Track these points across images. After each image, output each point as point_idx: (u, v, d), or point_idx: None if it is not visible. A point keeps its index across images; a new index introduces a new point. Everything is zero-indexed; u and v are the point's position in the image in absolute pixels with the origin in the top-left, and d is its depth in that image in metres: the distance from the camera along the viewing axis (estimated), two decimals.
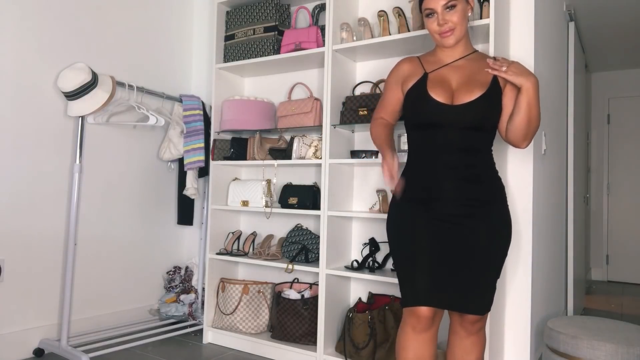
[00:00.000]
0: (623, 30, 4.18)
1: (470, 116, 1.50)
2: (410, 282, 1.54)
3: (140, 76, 3.04)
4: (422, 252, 1.52)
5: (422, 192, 1.55)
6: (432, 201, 1.53)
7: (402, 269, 1.57)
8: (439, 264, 1.51)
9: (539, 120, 1.53)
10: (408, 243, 1.55)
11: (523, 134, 1.53)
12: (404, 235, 1.57)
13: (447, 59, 1.62)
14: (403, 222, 1.59)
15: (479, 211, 1.52)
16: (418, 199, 1.56)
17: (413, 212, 1.56)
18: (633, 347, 1.84)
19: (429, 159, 1.56)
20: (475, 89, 1.52)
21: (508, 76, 1.49)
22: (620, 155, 5.39)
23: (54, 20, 2.58)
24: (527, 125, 1.51)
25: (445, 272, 1.51)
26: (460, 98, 1.52)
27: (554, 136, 2.81)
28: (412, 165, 1.61)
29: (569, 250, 3.25)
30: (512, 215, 2.22)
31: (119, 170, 2.90)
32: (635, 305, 4.18)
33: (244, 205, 2.73)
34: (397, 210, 1.63)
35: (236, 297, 2.68)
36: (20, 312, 2.43)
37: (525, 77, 1.48)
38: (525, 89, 1.48)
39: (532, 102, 1.49)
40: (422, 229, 1.54)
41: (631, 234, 5.27)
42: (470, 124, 1.51)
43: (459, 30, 1.55)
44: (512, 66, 1.50)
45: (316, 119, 2.53)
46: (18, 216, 2.42)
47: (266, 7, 2.71)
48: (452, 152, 1.52)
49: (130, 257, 2.98)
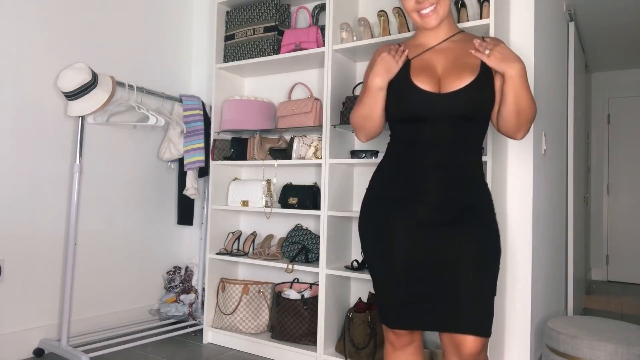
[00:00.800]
0: (623, 30, 4.18)
1: (461, 105, 1.31)
2: (385, 298, 1.37)
3: (140, 76, 3.04)
4: (399, 263, 1.33)
5: (403, 191, 1.36)
6: (413, 203, 1.34)
7: (376, 280, 1.40)
8: (419, 278, 1.32)
9: (531, 108, 1.32)
10: (383, 251, 1.36)
11: (515, 126, 1.34)
12: (379, 241, 1.38)
13: (430, 41, 1.42)
14: (378, 225, 1.39)
15: (468, 217, 1.32)
16: (397, 199, 1.37)
17: (390, 215, 1.36)
18: (633, 347, 1.84)
19: (414, 156, 1.36)
20: (464, 73, 1.33)
21: (490, 62, 1.29)
22: (620, 155, 5.39)
23: (54, 20, 2.58)
24: (517, 116, 1.31)
25: (426, 287, 1.32)
26: (448, 85, 1.33)
27: (554, 136, 2.81)
28: (394, 162, 1.42)
29: (569, 250, 3.25)
30: (512, 215, 2.22)
31: (119, 170, 2.91)
32: (635, 305, 4.18)
33: (244, 205, 2.73)
34: (372, 210, 1.42)
35: (236, 297, 2.68)
36: (20, 312, 2.43)
37: (508, 64, 1.27)
38: (509, 76, 1.28)
39: (520, 91, 1.28)
40: (401, 235, 1.34)
41: (631, 234, 5.27)
42: (462, 114, 1.32)
43: (442, 8, 1.36)
44: (495, 50, 1.29)
45: (316, 119, 2.53)
46: (18, 216, 2.42)
47: (266, 7, 2.71)
48: (441, 148, 1.33)
49: (130, 257, 2.98)
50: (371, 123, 1.43)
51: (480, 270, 1.30)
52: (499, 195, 2.10)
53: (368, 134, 1.47)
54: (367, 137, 1.49)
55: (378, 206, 1.41)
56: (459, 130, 1.33)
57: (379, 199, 1.41)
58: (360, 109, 1.42)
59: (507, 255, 2.22)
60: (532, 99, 1.31)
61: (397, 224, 1.35)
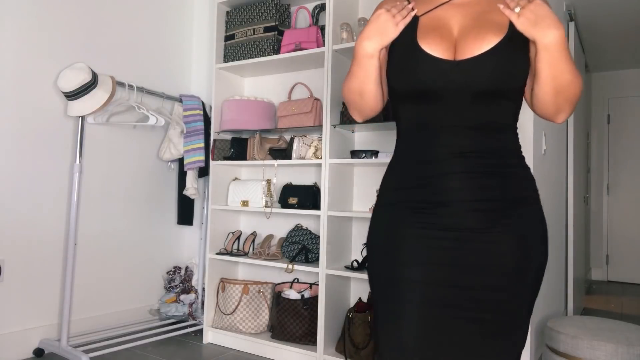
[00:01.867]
0: (623, 30, 4.18)
1: (482, 76, 0.98)
2: (390, 331, 1.01)
3: (140, 76, 3.04)
4: (411, 286, 0.99)
5: (417, 193, 1.03)
6: (431, 207, 1.01)
7: (381, 307, 1.04)
8: (438, 305, 0.98)
9: (574, 84, 0.97)
10: (390, 272, 1.02)
11: (553, 107, 1.00)
12: (388, 257, 1.04)
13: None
14: (388, 237, 1.05)
15: (503, 219, 0.99)
16: (411, 203, 1.04)
17: (403, 224, 1.03)
18: (633, 347, 1.84)
19: (426, 146, 1.03)
20: (488, 33, 0.99)
21: (518, 24, 0.95)
22: (620, 155, 5.39)
23: (54, 20, 2.58)
24: (555, 96, 0.98)
25: (446, 317, 0.98)
26: (466, 49, 0.99)
27: (554, 136, 2.81)
28: (403, 156, 1.08)
29: (569, 250, 3.25)
30: None
31: (119, 170, 2.91)
32: (635, 305, 4.18)
33: (244, 205, 2.73)
34: (379, 220, 1.09)
35: (236, 297, 2.68)
36: (20, 312, 2.43)
37: (542, 29, 0.93)
38: (542, 47, 0.94)
39: (558, 65, 0.95)
40: (415, 248, 1.01)
41: (631, 234, 5.27)
42: (484, 88, 0.98)
43: None
44: (528, 9, 0.94)
45: (316, 119, 2.53)
46: (18, 216, 2.42)
47: (266, 7, 2.71)
48: (460, 132, 1.00)
49: (131, 257, 2.98)
50: (364, 99, 1.11)
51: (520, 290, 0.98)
52: None
53: (362, 112, 1.15)
54: (361, 116, 1.16)
55: (385, 214, 1.08)
56: (482, 108, 1.00)
57: (386, 204, 1.08)
58: (349, 81, 1.11)
59: None
60: (574, 72, 0.97)
61: (409, 236, 1.02)
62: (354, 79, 1.09)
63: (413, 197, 1.04)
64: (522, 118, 2.21)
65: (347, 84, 1.12)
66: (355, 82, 1.09)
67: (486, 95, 0.99)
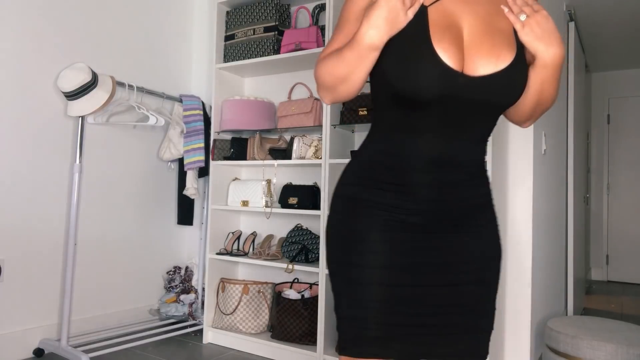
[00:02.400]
0: (623, 30, 4.18)
1: (494, 94, 0.91)
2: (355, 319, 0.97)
3: (140, 76, 3.04)
4: (376, 290, 0.96)
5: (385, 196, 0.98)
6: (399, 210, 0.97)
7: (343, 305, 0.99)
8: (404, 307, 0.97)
9: (552, 101, 1.00)
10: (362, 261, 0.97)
11: (527, 115, 1.03)
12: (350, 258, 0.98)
13: None
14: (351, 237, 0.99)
15: (471, 221, 1.01)
16: (377, 204, 0.98)
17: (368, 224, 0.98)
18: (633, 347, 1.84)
19: (411, 151, 0.96)
20: (503, 49, 0.92)
21: (523, 35, 0.91)
22: (620, 155, 5.39)
23: (54, 20, 2.58)
24: (535, 106, 0.99)
25: (417, 310, 0.98)
26: (480, 63, 0.90)
27: (554, 136, 2.81)
28: (380, 155, 1.00)
29: (569, 250, 3.25)
30: (512, 215, 2.22)
31: (119, 170, 2.91)
32: (635, 305, 4.18)
33: (244, 205, 2.73)
34: (344, 216, 1.02)
35: (236, 297, 2.68)
36: (20, 312, 2.43)
37: (546, 45, 0.91)
38: (543, 63, 0.92)
39: (550, 81, 0.94)
40: (381, 253, 0.96)
41: (631, 234, 5.27)
42: (493, 105, 0.93)
43: None
44: (534, 20, 0.90)
45: (316, 119, 2.53)
46: (18, 216, 2.42)
47: (266, 7, 2.71)
48: (447, 141, 0.95)
49: (130, 257, 2.98)
50: (346, 86, 0.96)
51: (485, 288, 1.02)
52: (499, 195, 2.10)
53: (336, 97, 1.00)
54: (333, 100, 1.01)
55: (353, 208, 1.01)
56: (479, 122, 0.96)
57: (354, 199, 1.01)
58: (335, 65, 0.94)
59: (507, 255, 2.22)
60: (558, 88, 0.99)
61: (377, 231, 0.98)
62: (344, 66, 0.93)
63: (381, 199, 0.98)
64: None
65: (332, 68, 0.95)
66: (344, 69, 0.93)
67: (490, 111, 0.95)
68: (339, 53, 0.93)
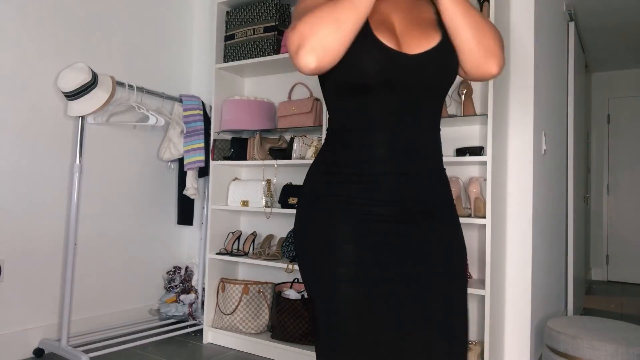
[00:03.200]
0: (623, 30, 4.18)
1: (434, 71, 0.99)
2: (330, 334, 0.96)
3: (140, 76, 3.04)
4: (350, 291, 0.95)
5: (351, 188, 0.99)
6: (367, 205, 0.98)
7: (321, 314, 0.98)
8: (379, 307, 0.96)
9: (487, 29, 0.99)
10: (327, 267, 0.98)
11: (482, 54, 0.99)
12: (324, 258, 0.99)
13: None
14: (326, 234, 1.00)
15: (435, 220, 1.02)
16: (343, 199, 1.00)
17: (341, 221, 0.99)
18: (633, 347, 1.84)
19: (366, 142, 0.99)
20: (430, 31, 1.01)
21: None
22: (620, 155, 5.39)
23: (54, 20, 2.58)
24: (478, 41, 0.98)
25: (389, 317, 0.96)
26: (412, 45, 0.99)
27: (554, 136, 2.81)
28: (340, 151, 1.03)
29: (569, 250, 3.25)
30: (512, 215, 2.22)
31: (119, 170, 2.91)
32: (635, 305, 4.18)
33: (244, 205, 2.73)
34: (315, 218, 1.03)
35: (236, 297, 2.68)
36: (20, 312, 2.43)
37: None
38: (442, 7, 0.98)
39: (458, 14, 0.97)
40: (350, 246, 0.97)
41: (631, 234, 5.27)
42: (436, 84, 1.01)
43: None
44: None
45: (316, 119, 2.53)
46: (18, 216, 2.42)
47: (266, 7, 2.71)
48: (401, 128, 0.99)
49: (130, 257, 2.98)
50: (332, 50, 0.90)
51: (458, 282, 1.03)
52: (499, 195, 2.10)
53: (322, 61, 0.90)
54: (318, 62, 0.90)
55: (322, 208, 1.02)
56: (428, 107, 1.02)
57: (319, 198, 1.03)
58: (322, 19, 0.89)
59: (507, 255, 2.22)
60: (478, 17, 0.99)
61: (344, 232, 0.98)
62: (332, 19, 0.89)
63: (346, 193, 1.00)
64: (522, 118, 2.21)
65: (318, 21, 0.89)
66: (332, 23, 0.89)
67: (434, 92, 1.01)
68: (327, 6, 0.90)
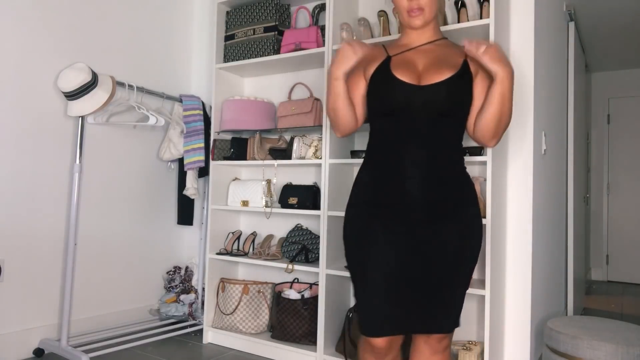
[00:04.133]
0: (623, 30, 4.18)
1: (440, 98, 1.32)
2: (366, 307, 1.36)
3: (140, 76, 3.04)
4: (378, 269, 1.33)
5: (382, 195, 1.37)
6: (393, 207, 1.35)
7: (357, 288, 1.39)
8: (398, 283, 1.33)
9: (510, 116, 1.37)
10: (363, 257, 1.36)
11: (493, 131, 1.37)
12: (360, 246, 1.38)
13: (413, 42, 1.46)
14: (359, 229, 1.39)
15: (447, 216, 1.35)
16: (377, 200, 1.38)
17: (370, 219, 1.37)
18: (633, 347, 1.84)
19: (391, 153, 1.37)
20: (445, 69, 1.36)
21: (484, 59, 1.30)
22: (620, 155, 5.39)
23: (54, 20, 2.58)
24: (498, 120, 1.35)
25: (405, 291, 1.33)
26: (427, 78, 1.35)
27: (554, 136, 2.81)
28: (372, 162, 1.42)
29: (569, 250, 3.25)
30: (512, 215, 2.22)
31: (119, 170, 2.91)
32: (635, 305, 4.18)
33: (244, 205, 2.73)
34: (353, 214, 1.43)
35: (236, 297, 2.68)
36: (20, 312, 2.43)
37: (502, 65, 1.30)
38: (500, 79, 1.30)
39: (507, 94, 1.32)
40: (379, 240, 1.34)
41: (631, 234, 5.27)
42: (441, 107, 1.33)
43: (428, 12, 1.40)
44: (491, 49, 1.30)
45: (316, 119, 2.53)
46: (18, 216, 2.42)
47: (266, 7, 2.71)
48: (419, 144, 1.34)
49: (130, 257, 2.98)
50: (339, 115, 1.44)
51: (460, 271, 1.36)
52: (499, 195, 2.10)
53: (340, 128, 1.48)
54: (341, 132, 1.49)
55: (359, 208, 1.41)
56: (438, 124, 1.35)
57: (360, 201, 1.42)
58: (327, 101, 1.46)
59: (507, 255, 2.22)
60: (512, 107, 1.36)
61: (376, 228, 1.35)
62: (329, 98, 1.43)
63: (379, 195, 1.37)
64: (522, 118, 2.21)
65: (326, 104, 1.48)
66: (330, 101, 1.43)
67: (439, 114, 1.34)
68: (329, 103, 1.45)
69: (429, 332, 1.36)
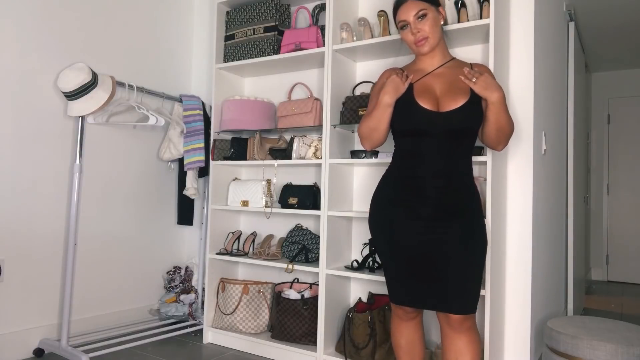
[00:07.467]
0: (623, 30, 4.18)
1: (456, 122, 1.59)
2: (392, 283, 1.70)
3: (140, 76, 3.04)
4: (400, 257, 1.65)
5: (406, 194, 1.65)
6: (413, 205, 1.62)
7: (384, 269, 1.72)
8: (417, 270, 1.62)
9: (510, 126, 1.63)
10: (387, 247, 1.68)
11: (496, 140, 1.67)
12: (384, 238, 1.68)
13: (428, 67, 1.71)
14: (385, 219, 1.69)
15: (457, 217, 1.60)
16: (401, 200, 1.66)
17: (394, 215, 1.66)
18: (633, 347, 1.84)
19: (416, 165, 1.64)
20: (459, 96, 1.61)
21: (477, 89, 1.57)
22: (620, 155, 5.39)
23: (54, 20, 2.58)
24: (497, 133, 1.63)
25: (423, 277, 1.61)
26: (445, 105, 1.61)
27: (554, 136, 2.81)
28: (398, 169, 1.70)
29: (569, 250, 3.25)
30: (512, 215, 2.22)
31: (119, 170, 2.90)
32: (635, 305, 4.18)
33: (244, 205, 2.73)
34: (380, 208, 1.72)
35: (236, 297, 2.68)
36: (20, 312, 2.43)
37: (490, 92, 1.56)
38: (491, 102, 1.57)
39: (500, 113, 1.59)
40: (402, 233, 1.63)
41: (631, 234, 5.26)
42: (457, 129, 1.60)
43: (432, 39, 1.65)
44: (481, 79, 1.57)
45: (316, 119, 2.53)
46: (18, 216, 2.42)
47: (266, 7, 2.71)
48: (438, 158, 1.61)
49: (130, 257, 2.98)
50: (377, 134, 1.69)
51: (467, 259, 1.59)
52: (499, 195, 2.10)
53: (373, 143, 1.73)
54: (371, 146, 1.74)
55: (385, 204, 1.70)
56: (454, 142, 1.62)
57: (386, 198, 1.70)
58: (369, 121, 1.68)
59: (507, 255, 2.22)
60: (510, 119, 1.63)
61: (400, 220, 1.64)
62: (373, 120, 1.67)
63: (403, 196, 1.66)
64: (521, 119, 2.21)
65: (367, 123, 1.69)
66: (374, 122, 1.67)
67: (456, 134, 1.61)
68: (370, 113, 1.69)
69: (438, 310, 1.61)
